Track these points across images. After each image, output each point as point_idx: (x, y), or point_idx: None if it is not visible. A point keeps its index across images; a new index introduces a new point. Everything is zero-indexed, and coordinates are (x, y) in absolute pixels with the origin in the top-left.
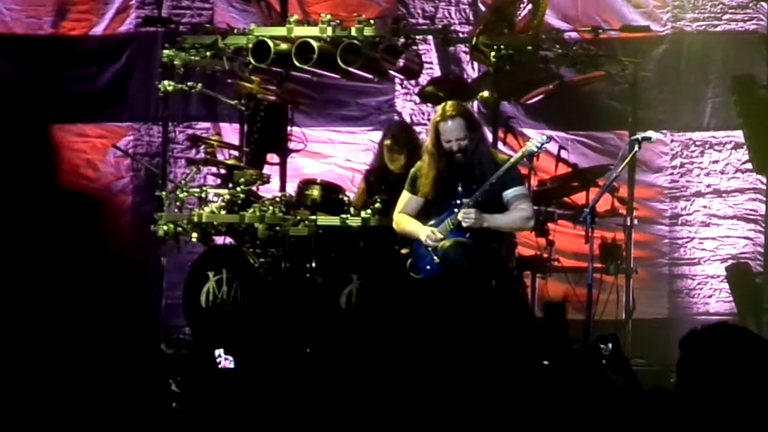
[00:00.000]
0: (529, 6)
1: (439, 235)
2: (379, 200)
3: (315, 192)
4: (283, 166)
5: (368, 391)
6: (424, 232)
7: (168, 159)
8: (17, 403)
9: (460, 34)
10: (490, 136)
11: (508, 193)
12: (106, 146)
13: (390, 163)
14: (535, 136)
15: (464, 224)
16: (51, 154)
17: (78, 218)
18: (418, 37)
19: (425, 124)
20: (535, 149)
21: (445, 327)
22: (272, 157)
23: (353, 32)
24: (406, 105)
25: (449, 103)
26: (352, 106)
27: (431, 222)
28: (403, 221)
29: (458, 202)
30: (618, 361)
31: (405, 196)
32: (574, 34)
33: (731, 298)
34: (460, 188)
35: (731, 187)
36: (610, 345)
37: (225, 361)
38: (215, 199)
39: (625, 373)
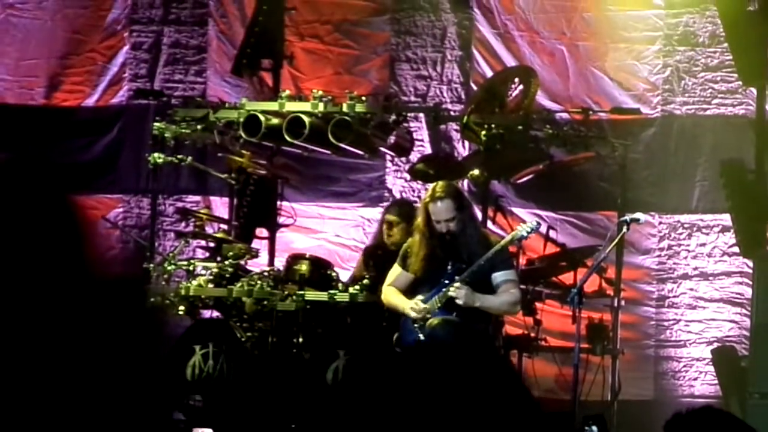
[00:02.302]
0: (520, 86)
1: (422, 306)
2: (367, 276)
3: (304, 267)
4: (272, 240)
5: None
6: (408, 305)
7: (157, 231)
8: None
9: (451, 113)
10: (480, 215)
11: (497, 276)
12: (96, 218)
13: (387, 239)
14: (527, 218)
15: (456, 302)
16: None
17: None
18: (409, 114)
19: (416, 202)
20: (525, 234)
21: (431, 400)
22: (261, 232)
23: (345, 108)
24: (397, 182)
25: (439, 183)
26: (343, 182)
27: (419, 298)
28: (391, 295)
29: (446, 281)
30: None
31: (396, 270)
32: (564, 115)
33: (716, 381)
34: (449, 267)
35: (718, 270)
36: (594, 428)
37: None
38: (203, 272)
39: None
